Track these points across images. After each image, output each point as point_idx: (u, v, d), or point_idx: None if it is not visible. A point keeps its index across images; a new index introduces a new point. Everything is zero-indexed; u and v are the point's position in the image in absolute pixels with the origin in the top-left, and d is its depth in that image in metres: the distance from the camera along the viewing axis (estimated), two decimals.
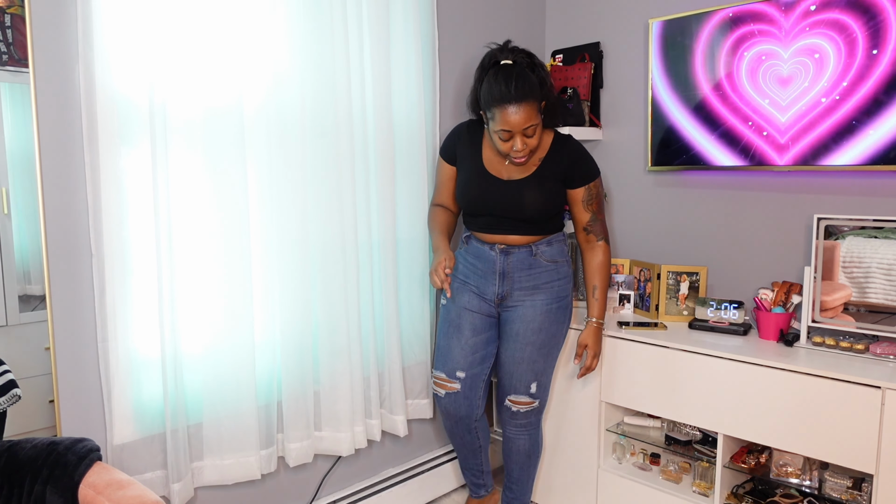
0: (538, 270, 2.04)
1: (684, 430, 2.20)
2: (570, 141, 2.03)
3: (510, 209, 2.00)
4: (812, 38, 1.99)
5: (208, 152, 1.73)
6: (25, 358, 1.56)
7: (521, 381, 2.08)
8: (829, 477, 1.84)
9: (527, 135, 1.87)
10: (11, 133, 1.51)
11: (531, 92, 1.83)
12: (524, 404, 2.11)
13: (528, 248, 2.03)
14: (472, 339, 2.10)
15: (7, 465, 1.39)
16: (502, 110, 1.83)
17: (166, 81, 1.62)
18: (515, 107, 1.81)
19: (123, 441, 1.66)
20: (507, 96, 1.81)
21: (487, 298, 2.08)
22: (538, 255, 2.03)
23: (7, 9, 1.46)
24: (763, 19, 2.08)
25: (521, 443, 2.18)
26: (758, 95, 2.12)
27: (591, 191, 2.02)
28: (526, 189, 1.99)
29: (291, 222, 1.90)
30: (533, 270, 2.03)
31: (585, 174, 2.01)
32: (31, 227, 1.53)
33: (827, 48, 1.97)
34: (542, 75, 1.92)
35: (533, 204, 1.98)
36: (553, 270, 2.05)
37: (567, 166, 1.99)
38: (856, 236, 1.93)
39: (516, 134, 1.86)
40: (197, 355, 1.78)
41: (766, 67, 2.10)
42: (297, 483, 2.09)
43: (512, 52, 1.93)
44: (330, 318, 2.00)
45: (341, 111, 1.97)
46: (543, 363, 2.08)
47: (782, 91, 2.07)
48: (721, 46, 2.18)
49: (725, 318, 2.17)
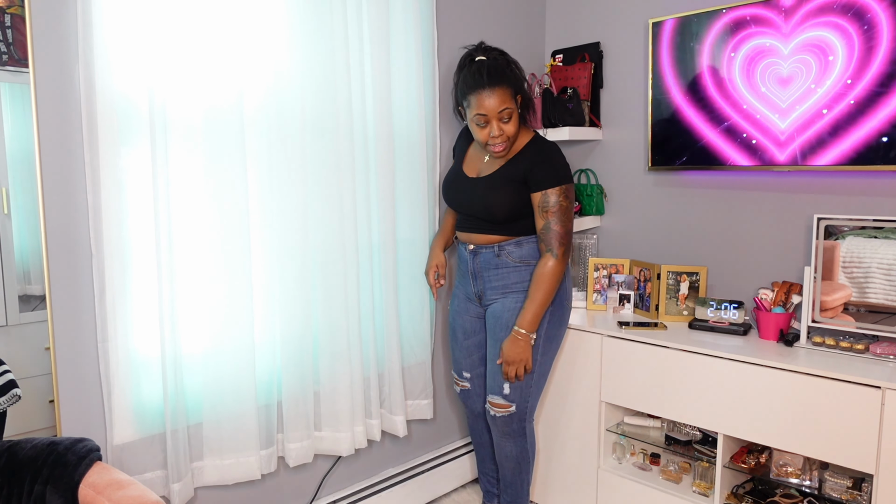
0: (505, 271, 2.01)
1: (684, 430, 2.20)
2: (542, 144, 1.98)
3: (475, 207, 2.01)
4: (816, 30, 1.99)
5: (208, 152, 1.73)
6: (25, 358, 1.56)
7: (495, 381, 2.04)
8: (829, 477, 1.84)
9: (502, 119, 1.89)
10: (11, 133, 1.51)
11: (504, 79, 1.89)
12: (500, 407, 2.03)
13: (492, 248, 2.01)
14: (465, 342, 2.18)
15: (7, 465, 1.39)
16: (477, 95, 1.88)
17: (166, 81, 1.62)
18: (489, 91, 1.86)
19: (123, 441, 1.66)
20: (481, 82, 1.87)
21: (471, 297, 2.13)
22: (503, 255, 2.00)
23: (7, 9, 1.46)
24: (764, 21, 2.08)
25: (508, 450, 2.10)
26: (757, 98, 2.12)
27: (547, 197, 1.90)
28: (488, 188, 1.99)
29: (291, 222, 1.90)
30: (500, 271, 2.02)
31: (542, 179, 1.91)
32: (31, 227, 1.53)
33: (832, 40, 1.97)
34: (515, 71, 1.96)
35: (494, 203, 1.96)
36: (524, 271, 2.00)
37: (526, 168, 1.93)
38: (856, 236, 1.93)
39: (492, 119, 1.88)
40: (197, 355, 1.77)
41: (764, 66, 2.10)
42: (297, 483, 2.09)
43: (485, 50, 2.00)
44: (330, 319, 2.00)
45: (341, 111, 1.97)
46: None
47: (782, 91, 2.07)
48: (724, 47, 2.18)
49: (725, 318, 2.17)
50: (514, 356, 1.95)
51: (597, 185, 2.64)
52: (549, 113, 2.49)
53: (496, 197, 1.96)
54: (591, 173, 2.68)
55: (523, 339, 1.94)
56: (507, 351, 1.96)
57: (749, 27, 2.12)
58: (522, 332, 1.93)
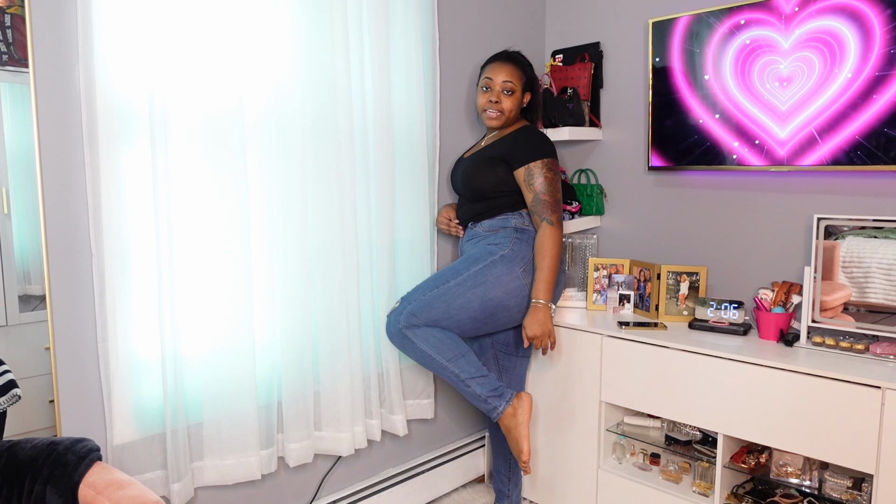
0: (476, 240, 2.16)
1: (684, 430, 2.20)
2: (528, 128, 2.16)
3: (462, 183, 2.20)
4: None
5: (208, 152, 1.73)
6: (25, 358, 1.56)
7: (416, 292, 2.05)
8: (829, 477, 1.84)
9: (504, 91, 2.13)
10: (11, 133, 1.51)
11: (518, 64, 2.17)
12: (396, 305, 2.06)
13: (474, 227, 2.19)
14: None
15: (7, 465, 1.39)
16: (490, 65, 2.19)
17: (167, 81, 1.62)
18: (502, 63, 2.16)
19: (123, 441, 1.66)
20: (499, 57, 2.20)
21: None
22: (477, 227, 2.17)
23: (7, 9, 1.46)
24: (764, 22, 2.09)
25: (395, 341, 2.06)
26: (757, 98, 2.12)
27: (531, 171, 2.04)
28: (472, 164, 2.18)
29: (292, 222, 1.90)
30: (474, 240, 2.17)
31: (524, 155, 2.05)
32: (31, 227, 1.53)
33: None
34: (530, 70, 2.21)
35: (471, 177, 2.14)
36: (491, 236, 2.11)
37: (508, 146, 2.10)
38: (856, 236, 1.93)
39: (495, 87, 2.13)
40: (197, 355, 1.77)
41: (763, 64, 2.10)
42: (297, 483, 2.09)
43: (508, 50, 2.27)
44: (330, 318, 2.00)
45: (341, 112, 1.97)
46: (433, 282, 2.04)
47: (782, 91, 2.07)
48: (725, 48, 2.18)
49: (725, 318, 2.17)
50: (537, 328, 2.00)
51: (597, 185, 2.64)
52: (549, 113, 2.49)
53: (473, 172, 2.14)
54: (591, 173, 2.68)
55: (542, 309, 2.00)
56: (531, 324, 2.01)
57: (750, 27, 2.12)
58: (541, 303, 2.00)
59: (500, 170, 2.10)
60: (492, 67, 2.16)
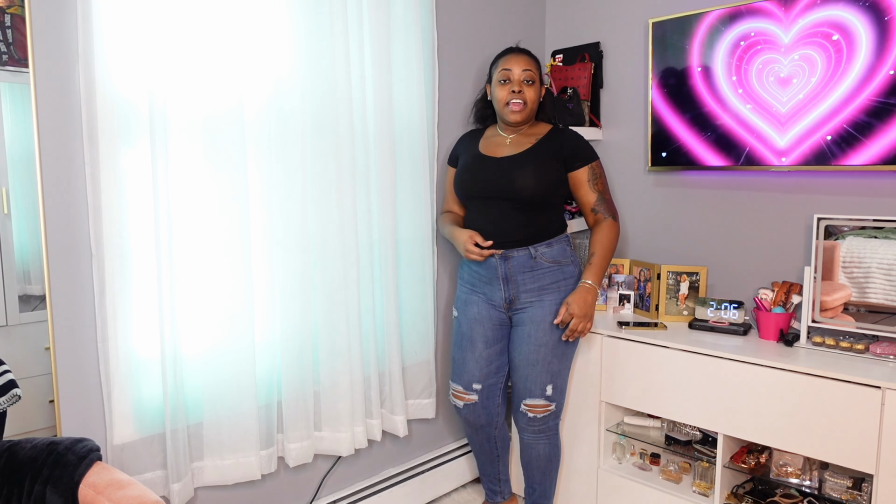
0: (540, 272, 2.01)
1: (684, 430, 2.20)
2: (567, 129, 2.11)
3: (502, 186, 1.98)
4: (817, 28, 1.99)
5: (209, 151, 1.73)
6: (25, 358, 1.56)
7: (536, 384, 2.04)
8: (829, 477, 1.84)
9: (525, 81, 2.01)
10: (11, 133, 1.51)
11: (531, 55, 2.06)
12: (540, 408, 2.06)
13: (526, 250, 2.00)
14: (486, 351, 2.11)
15: (7, 465, 1.39)
16: (504, 57, 2.06)
17: (166, 80, 1.62)
18: (517, 54, 2.04)
19: (123, 441, 1.66)
20: (511, 49, 2.08)
21: (497, 304, 2.07)
22: (538, 257, 2.00)
23: (7, 9, 1.46)
24: (762, 16, 2.09)
25: (541, 449, 2.13)
26: (758, 98, 2.12)
27: (594, 170, 2.03)
28: (519, 164, 1.99)
29: (292, 222, 1.90)
30: (535, 272, 2.01)
31: (587, 155, 2.03)
32: (31, 227, 1.53)
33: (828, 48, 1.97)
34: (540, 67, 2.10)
35: (524, 179, 1.96)
36: (557, 271, 2.02)
37: (566, 147, 2.02)
38: (856, 236, 1.93)
39: (515, 78, 2.01)
40: (197, 355, 1.77)
41: (762, 63, 2.10)
42: (297, 483, 2.09)
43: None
44: (330, 318, 2.00)
45: (342, 112, 1.97)
46: (558, 364, 2.04)
47: (782, 91, 2.07)
48: (718, 45, 2.18)
49: (725, 318, 2.17)
50: (585, 309, 1.96)
51: None
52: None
53: (530, 173, 1.96)
54: None
55: (591, 291, 1.98)
56: (579, 304, 1.95)
57: (750, 27, 2.12)
58: (591, 283, 1.98)
59: (553, 169, 2.00)
60: (507, 59, 2.03)
